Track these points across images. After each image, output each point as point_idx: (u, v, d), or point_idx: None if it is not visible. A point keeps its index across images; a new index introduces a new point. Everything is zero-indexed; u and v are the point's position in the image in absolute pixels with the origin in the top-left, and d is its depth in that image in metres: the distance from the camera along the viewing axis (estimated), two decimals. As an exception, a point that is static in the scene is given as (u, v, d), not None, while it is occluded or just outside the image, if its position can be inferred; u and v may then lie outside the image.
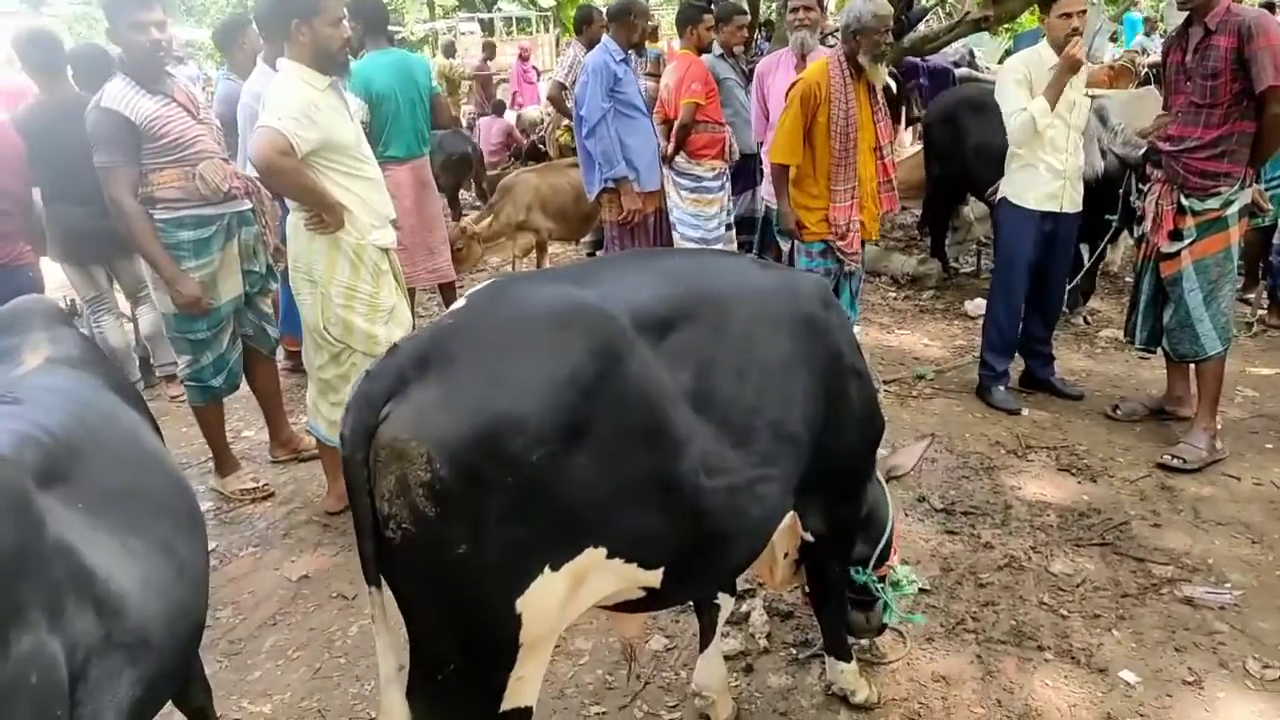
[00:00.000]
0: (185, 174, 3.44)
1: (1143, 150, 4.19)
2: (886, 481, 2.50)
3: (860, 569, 2.45)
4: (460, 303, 1.67)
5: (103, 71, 4.93)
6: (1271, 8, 9.29)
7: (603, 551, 1.62)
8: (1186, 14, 3.74)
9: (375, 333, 3.30)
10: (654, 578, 1.74)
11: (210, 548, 3.51)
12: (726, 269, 2.04)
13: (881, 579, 2.47)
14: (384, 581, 1.58)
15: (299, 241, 3.27)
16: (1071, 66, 4.05)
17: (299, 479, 4.08)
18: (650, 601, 1.86)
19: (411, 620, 1.63)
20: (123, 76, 3.40)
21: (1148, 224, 4.02)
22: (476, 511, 1.46)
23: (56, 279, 5.33)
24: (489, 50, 13.81)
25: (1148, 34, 13.34)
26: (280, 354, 5.33)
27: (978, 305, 5.95)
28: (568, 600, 1.62)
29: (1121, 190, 4.53)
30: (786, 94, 4.26)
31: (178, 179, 3.44)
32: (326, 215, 3.15)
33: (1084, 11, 4.07)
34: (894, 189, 4.40)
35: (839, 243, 4.15)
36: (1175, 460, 3.84)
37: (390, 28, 5.58)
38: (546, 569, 1.54)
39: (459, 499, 1.44)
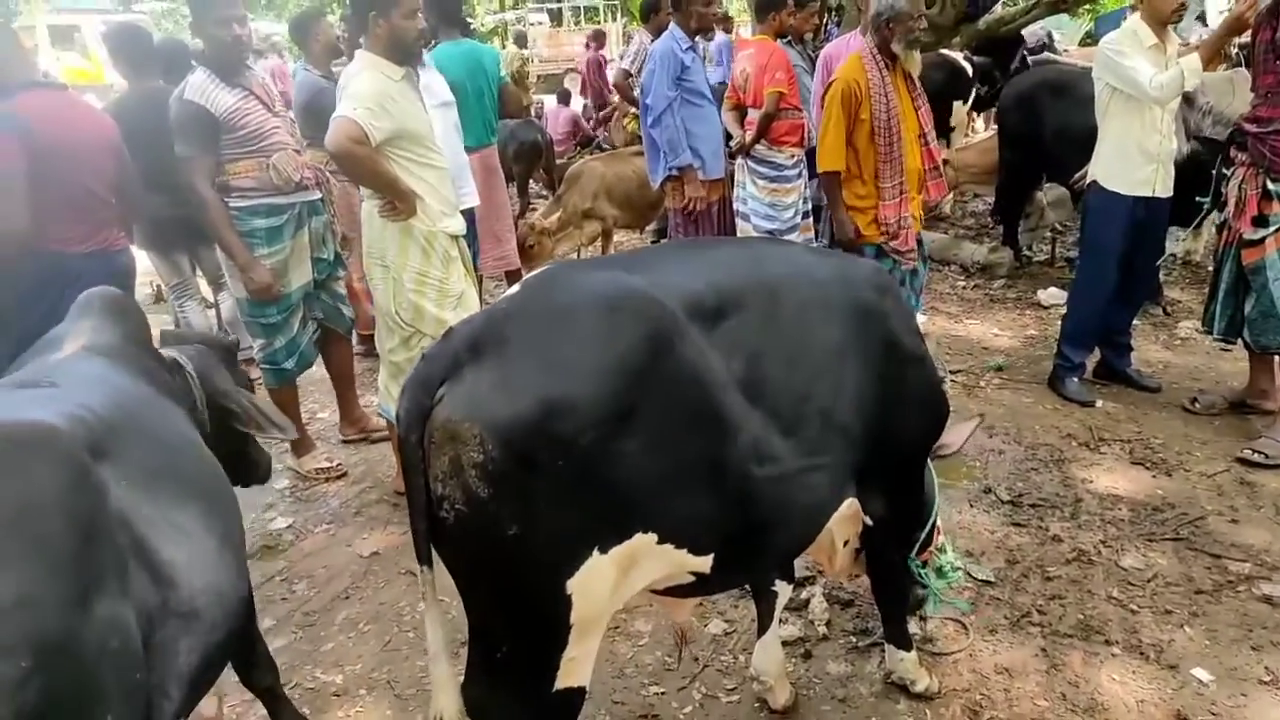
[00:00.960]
0: (260, 164, 3.59)
1: (1228, 125, 4.04)
2: (931, 460, 2.47)
3: (908, 556, 2.43)
4: (514, 289, 1.71)
5: (185, 65, 5.12)
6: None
7: (653, 537, 1.64)
8: None
9: (445, 317, 3.38)
10: (704, 563, 1.76)
11: (288, 524, 3.68)
12: (779, 256, 2.05)
13: (925, 564, 2.45)
14: (437, 560, 1.63)
15: (373, 228, 3.37)
16: (1238, 27, 3.87)
17: (370, 460, 4.22)
18: (700, 587, 1.88)
19: (467, 599, 1.68)
20: (204, 70, 3.54)
21: (1230, 209, 3.87)
22: (528, 493, 1.49)
23: (143, 265, 5.57)
24: (599, 39, 13.64)
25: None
26: (354, 338, 5.50)
27: (1051, 295, 5.81)
28: (618, 583, 1.65)
29: (1214, 171, 4.36)
30: (823, 97, 4.18)
31: (253, 169, 3.60)
32: (400, 202, 3.23)
33: None
34: (941, 175, 4.28)
35: (892, 243, 4.03)
36: (1256, 455, 3.70)
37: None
38: (596, 552, 1.57)
39: (510, 481, 1.47)
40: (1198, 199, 4.33)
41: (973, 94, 8.24)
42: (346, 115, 3.05)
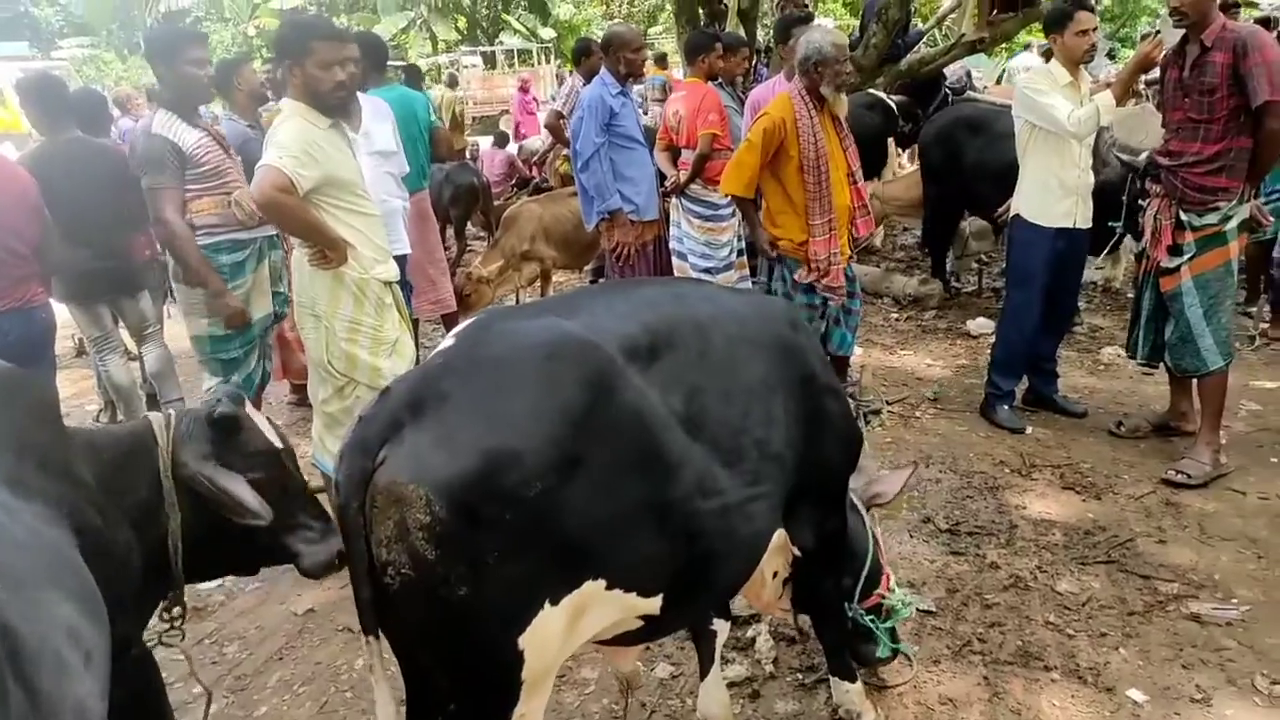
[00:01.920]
0: (221, 201, 3.75)
1: (1141, 156, 4.23)
2: (868, 509, 2.50)
3: (847, 605, 2.44)
4: (448, 341, 1.69)
5: (103, 116, 5.00)
6: (1266, 23, 9.36)
7: (602, 583, 1.63)
8: (1183, 32, 3.79)
9: (379, 365, 3.33)
10: (653, 605, 1.75)
11: (217, 584, 3.55)
12: (701, 295, 2.08)
13: (874, 610, 2.46)
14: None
15: (303, 276, 3.31)
16: (1144, 63, 4.06)
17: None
18: (647, 631, 1.87)
19: (409, 663, 1.64)
20: (164, 110, 3.68)
21: (1147, 239, 4.04)
22: (476, 551, 1.47)
23: (63, 317, 5.39)
24: (524, 84, 13.76)
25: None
26: (286, 387, 5.39)
27: (980, 324, 5.97)
28: (568, 634, 1.63)
29: (1125, 197, 4.56)
30: (749, 128, 4.28)
31: (215, 206, 3.74)
32: (330, 251, 3.19)
33: (1097, 28, 4.12)
34: (870, 212, 4.41)
35: (822, 280, 4.11)
36: (1180, 476, 3.83)
37: (393, 62, 5.68)
38: (547, 604, 1.55)
39: (459, 540, 1.45)
40: (1110, 224, 4.52)
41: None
42: (271, 164, 3.01)
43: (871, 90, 7.73)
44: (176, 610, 2.02)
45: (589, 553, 1.60)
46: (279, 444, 2.07)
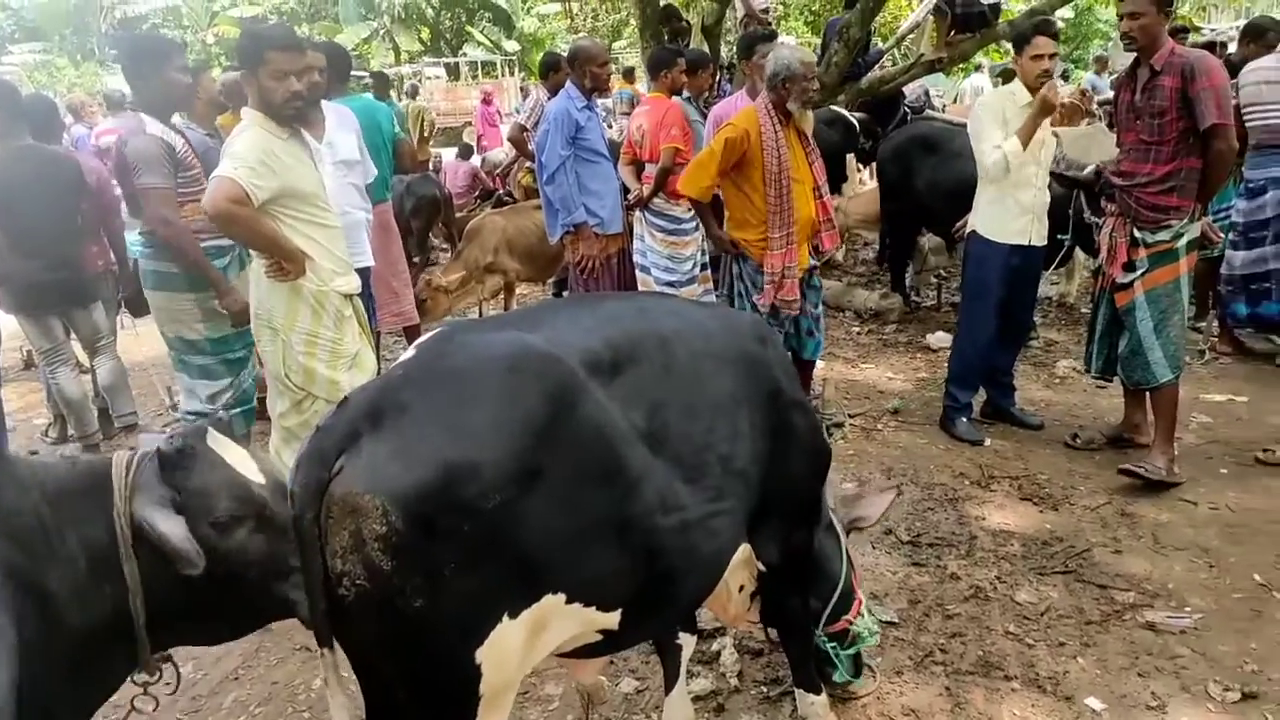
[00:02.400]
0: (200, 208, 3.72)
1: (1086, 171, 4.35)
2: (848, 533, 2.51)
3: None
4: (409, 352, 1.68)
5: (55, 123, 4.90)
6: (1211, 47, 9.66)
7: (562, 597, 1.62)
8: (1134, 55, 3.88)
9: (338, 379, 3.29)
10: (612, 619, 1.75)
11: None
12: (666, 310, 2.08)
13: (838, 635, 2.47)
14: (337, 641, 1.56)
15: (260, 289, 3.26)
16: (1045, 108, 4.16)
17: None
18: (607, 645, 1.86)
19: (366, 677, 1.61)
20: (146, 115, 3.70)
21: (1103, 256, 4.14)
22: (433, 563, 1.45)
23: (11, 330, 5.26)
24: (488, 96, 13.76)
25: (1098, 73, 13.78)
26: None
27: (939, 338, 6.05)
28: (527, 648, 1.62)
29: (1071, 210, 4.68)
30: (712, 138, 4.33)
31: (197, 211, 3.64)
32: (287, 263, 3.15)
33: (1055, 55, 4.20)
34: (834, 227, 4.47)
35: (778, 294, 4.16)
36: (1141, 468, 3.89)
37: (356, 72, 5.64)
38: (505, 618, 1.54)
39: (415, 551, 1.44)
40: (1059, 237, 4.63)
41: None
42: (226, 175, 2.97)
43: (834, 107, 7.83)
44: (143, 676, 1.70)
45: (548, 567, 1.58)
46: (258, 478, 1.74)
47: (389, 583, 1.44)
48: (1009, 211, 4.38)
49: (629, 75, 12.55)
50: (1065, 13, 18.20)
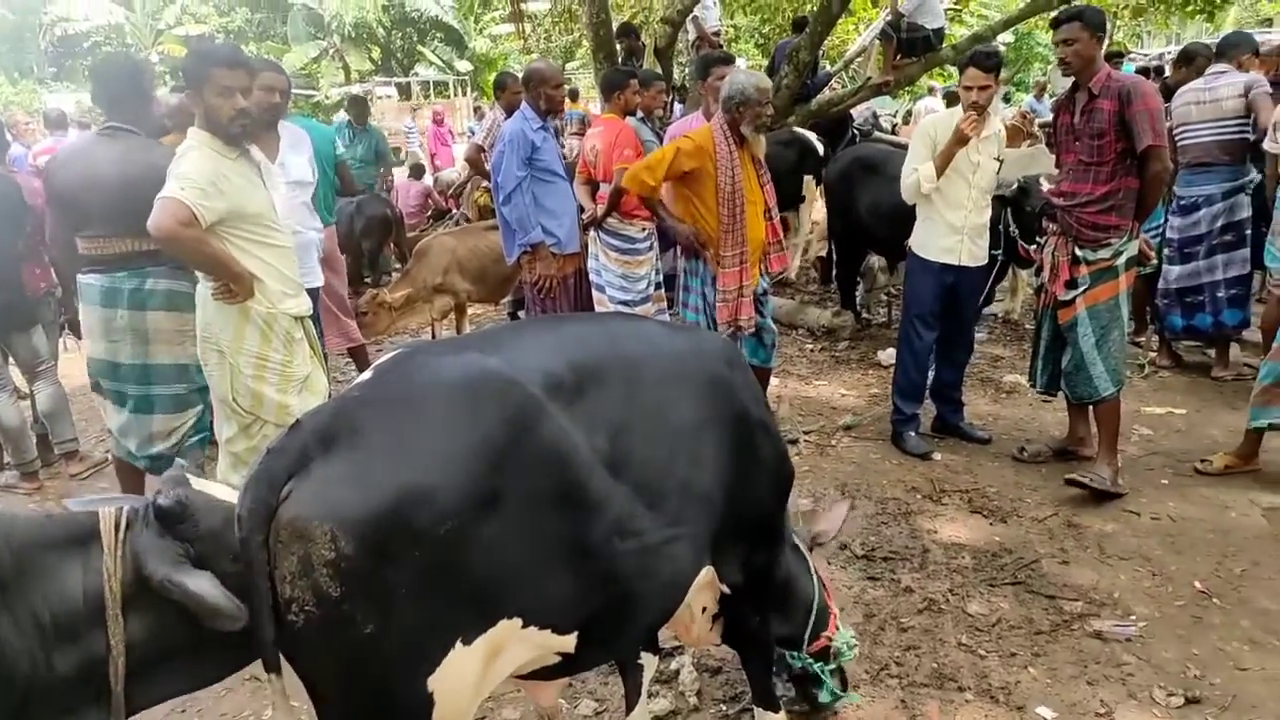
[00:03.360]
0: None
1: (1012, 188, 4.51)
2: (811, 549, 2.53)
3: (794, 654, 2.45)
4: (366, 375, 1.66)
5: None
6: (1146, 73, 10.02)
7: (517, 621, 1.60)
8: (1072, 79, 4.01)
9: (288, 403, 3.25)
10: (569, 643, 1.73)
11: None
12: (633, 332, 2.07)
13: (820, 654, 2.48)
14: (287, 667, 1.53)
15: (207, 311, 3.21)
16: (960, 139, 4.28)
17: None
18: (565, 667, 1.85)
19: (318, 705, 1.58)
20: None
21: (1046, 274, 4.25)
22: (384, 590, 1.43)
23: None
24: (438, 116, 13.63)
25: (1037, 98, 14.20)
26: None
27: (890, 355, 6.13)
28: (482, 674, 1.60)
29: (1001, 226, 4.81)
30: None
31: None
32: (235, 285, 3.10)
33: (986, 88, 4.28)
34: (784, 248, 4.54)
35: (734, 315, 4.21)
36: (1086, 477, 3.99)
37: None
38: (459, 644, 1.52)
39: (365, 578, 1.42)
40: (992, 252, 4.75)
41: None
42: (173, 196, 2.92)
43: (794, 128, 7.96)
44: None
45: (504, 591, 1.57)
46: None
47: (337, 609, 1.42)
48: (938, 230, 4.49)
49: (574, 96, 12.63)
50: (1006, 37, 18.75)
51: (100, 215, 3.59)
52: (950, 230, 4.47)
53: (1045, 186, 4.48)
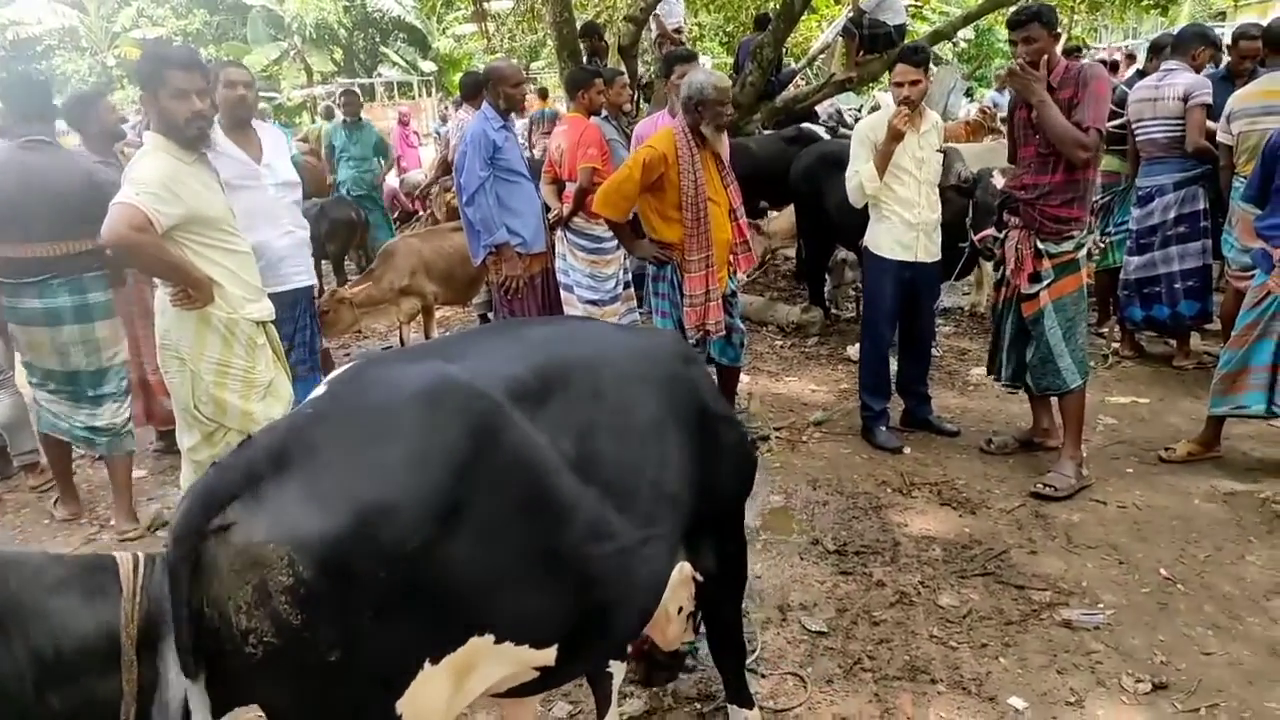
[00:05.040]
0: None
1: (968, 180, 4.55)
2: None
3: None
4: (321, 389, 1.61)
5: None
6: (1108, 64, 10.18)
7: (490, 638, 1.57)
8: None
9: (251, 409, 3.20)
10: (548, 656, 1.70)
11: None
12: (590, 335, 2.07)
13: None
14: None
15: (166, 317, 3.15)
16: (894, 136, 4.31)
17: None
18: (543, 682, 1.82)
19: None
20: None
21: (1009, 267, 4.27)
22: (347, 614, 1.38)
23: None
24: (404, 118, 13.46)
25: (1000, 90, 14.33)
26: (152, 434, 5.10)
27: (858, 350, 6.18)
28: (454, 693, 1.56)
29: (967, 220, 4.86)
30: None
31: None
32: (194, 290, 3.05)
33: (916, 83, 4.32)
34: (750, 249, 4.54)
35: (703, 318, 4.20)
36: (1047, 489, 4.04)
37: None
38: (428, 664, 1.48)
39: (327, 602, 1.36)
40: (959, 245, 4.79)
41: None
42: (128, 201, 2.86)
43: (803, 125, 7.99)
44: None
45: (474, 607, 1.53)
46: None
47: (299, 637, 1.35)
48: (894, 229, 4.53)
49: (544, 94, 12.58)
50: (967, 33, 18.94)
51: (27, 221, 3.73)
52: (907, 227, 4.50)
53: (998, 181, 4.53)
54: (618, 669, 2.41)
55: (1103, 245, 5.94)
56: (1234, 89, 5.07)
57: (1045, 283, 4.09)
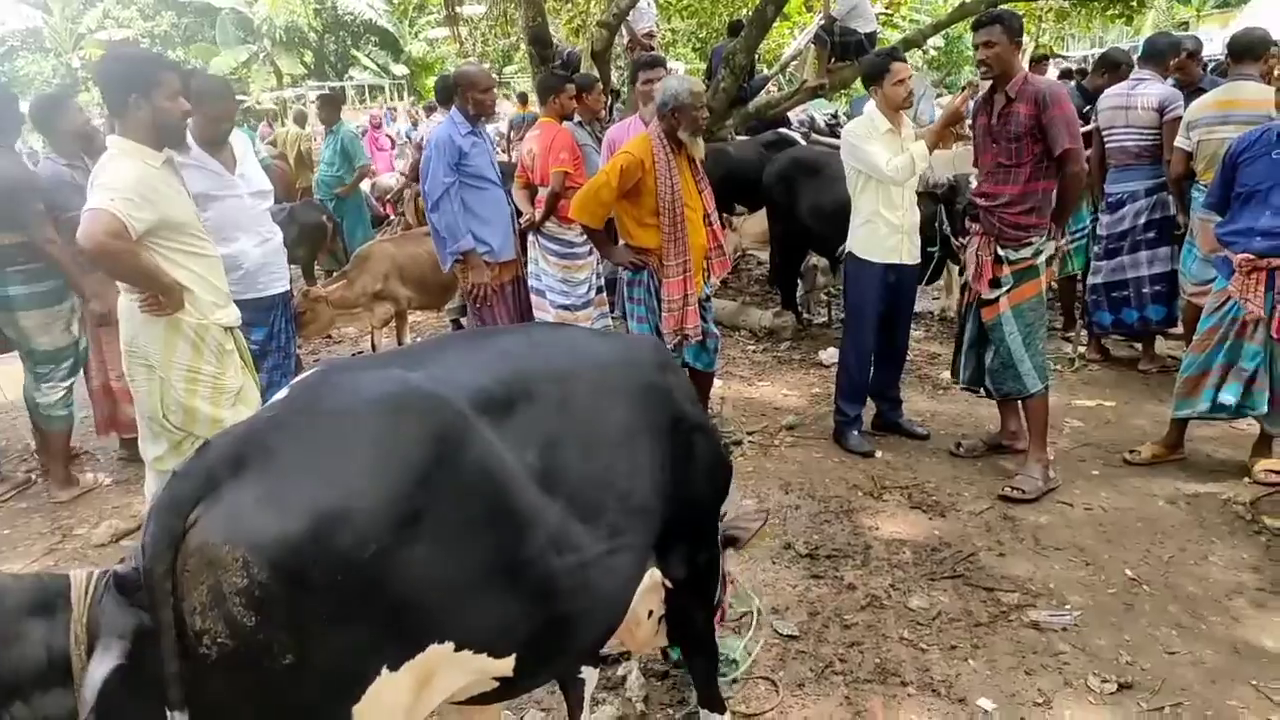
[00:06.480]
0: None
1: (944, 186, 4.61)
2: (731, 550, 2.54)
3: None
4: (283, 393, 1.60)
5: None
6: (1069, 74, 10.34)
7: (449, 646, 1.56)
8: (990, 81, 4.11)
9: (221, 416, 3.16)
10: (506, 666, 1.69)
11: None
12: (562, 343, 2.05)
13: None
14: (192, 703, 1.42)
15: (133, 324, 3.11)
16: (954, 116, 4.42)
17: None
18: (506, 690, 1.81)
19: None
20: None
21: (970, 273, 4.33)
22: (302, 617, 1.38)
23: None
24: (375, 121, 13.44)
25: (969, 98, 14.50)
26: (116, 442, 5.02)
27: (831, 354, 6.22)
28: (413, 701, 1.55)
29: (937, 224, 4.91)
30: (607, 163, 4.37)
31: None
32: (163, 297, 3.01)
33: (912, 76, 4.43)
34: (725, 254, 4.56)
35: (680, 324, 4.22)
36: (1015, 492, 4.09)
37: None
38: (385, 671, 1.47)
39: (281, 605, 1.35)
40: (929, 249, 4.84)
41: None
42: (102, 207, 2.82)
43: (781, 129, 8.03)
44: None
45: (432, 615, 1.53)
46: None
47: (252, 640, 1.35)
48: (881, 231, 4.55)
49: (524, 99, 12.59)
50: (936, 41, 19.16)
51: None
52: (893, 230, 4.54)
53: (974, 184, 4.59)
54: (590, 675, 2.41)
55: (1062, 253, 6.04)
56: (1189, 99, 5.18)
57: (1005, 288, 4.15)
